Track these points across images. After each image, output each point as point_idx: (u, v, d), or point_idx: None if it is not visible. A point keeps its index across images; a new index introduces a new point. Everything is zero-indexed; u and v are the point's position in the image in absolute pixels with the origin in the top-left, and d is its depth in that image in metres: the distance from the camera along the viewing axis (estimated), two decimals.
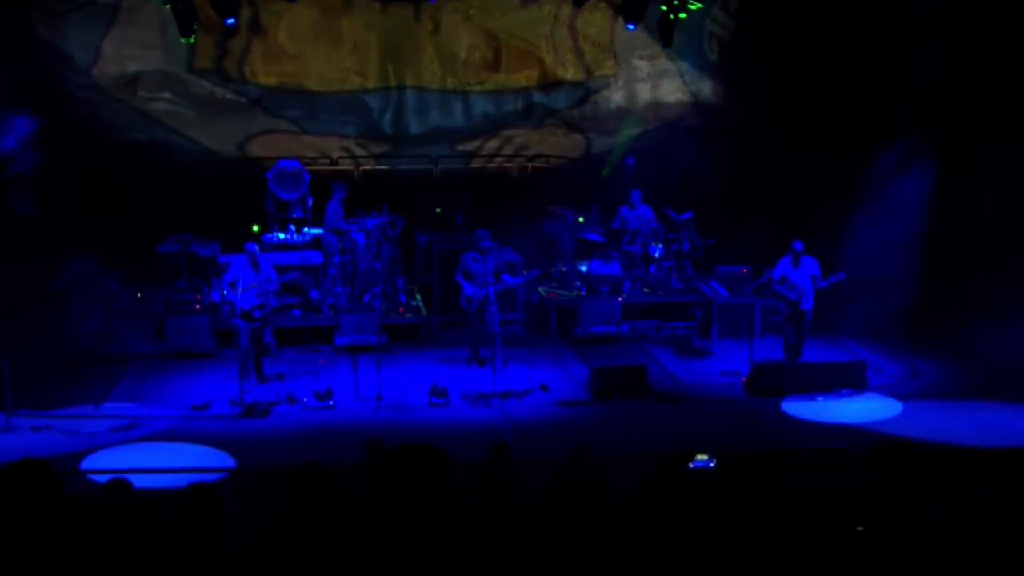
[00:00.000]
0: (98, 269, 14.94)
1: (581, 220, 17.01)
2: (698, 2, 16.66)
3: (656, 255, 16.44)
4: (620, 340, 15.76)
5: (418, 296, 16.44)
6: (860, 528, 5.72)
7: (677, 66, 18.63)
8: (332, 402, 13.01)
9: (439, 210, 17.18)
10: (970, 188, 15.76)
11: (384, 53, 18.24)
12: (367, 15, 18.03)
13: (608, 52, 18.68)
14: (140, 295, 15.50)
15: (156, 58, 17.59)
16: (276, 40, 17.97)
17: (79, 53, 17.25)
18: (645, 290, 16.55)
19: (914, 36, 15.49)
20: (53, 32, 17.04)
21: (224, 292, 13.89)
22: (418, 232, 16.89)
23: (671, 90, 18.84)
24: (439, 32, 18.34)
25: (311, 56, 18.09)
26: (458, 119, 18.67)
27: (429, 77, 18.42)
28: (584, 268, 16.73)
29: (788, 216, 15.68)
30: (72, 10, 17.15)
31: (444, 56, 18.39)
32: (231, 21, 16.34)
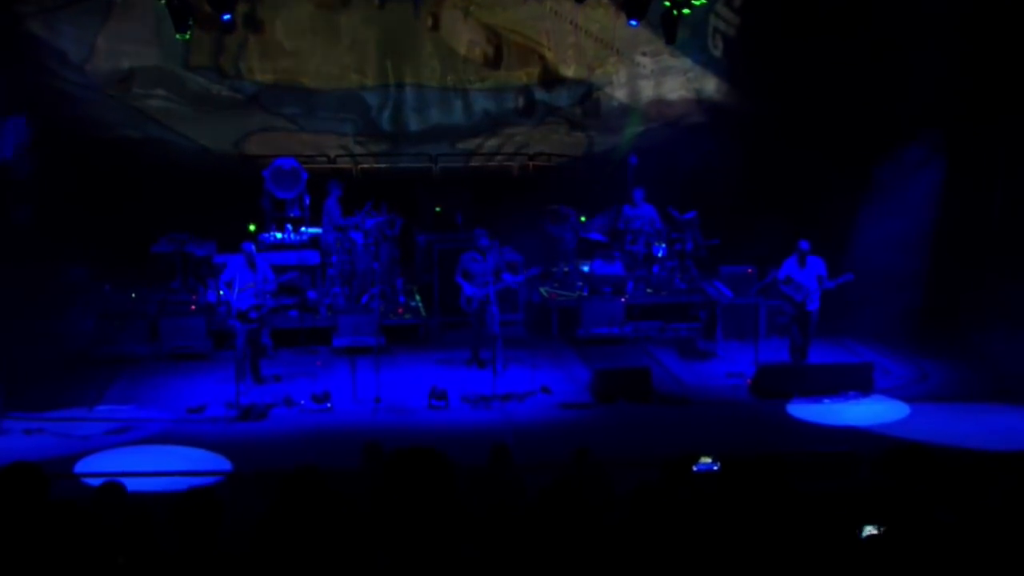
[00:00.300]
0: (91, 269, 14.93)
1: (583, 219, 16.98)
2: None
3: (659, 255, 16.39)
4: (623, 341, 15.74)
5: (417, 297, 16.42)
6: (867, 527, 5.62)
7: (681, 63, 18.55)
8: (330, 404, 12.97)
9: (439, 209, 17.14)
10: (980, 188, 15.69)
11: (383, 49, 18.17)
12: (365, 10, 17.91)
13: (610, 48, 18.61)
14: (134, 295, 15.46)
15: (151, 54, 17.47)
16: (273, 36, 17.87)
17: (72, 49, 17.12)
18: (648, 290, 16.50)
19: (923, 33, 15.46)
20: (45, 27, 16.90)
21: (221, 292, 13.89)
22: (417, 231, 16.88)
23: (674, 87, 18.75)
24: (439, 28, 18.26)
25: (308, 52, 18.01)
26: (458, 117, 18.61)
27: (428, 74, 18.36)
28: (586, 268, 16.72)
29: (794, 215, 15.66)
30: (65, 5, 17.05)
31: (444, 52, 18.33)
32: (227, 17, 16.26)
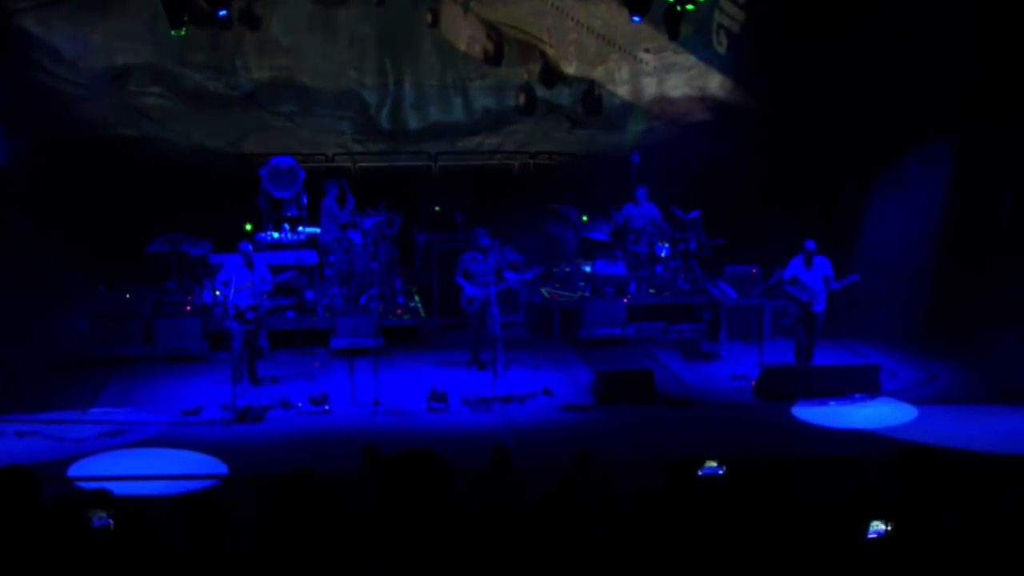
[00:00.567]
0: (85, 269, 14.90)
1: (585, 218, 16.96)
2: None
3: (662, 255, 16.31)
4: (625, 343, 15.70)
5: (416, 297, 16.35)
6: (874, 524, 5.66)
7: (684, 59, 18.57)
8: (328, 407, 12.92)
9: (438, 208, 17.10)
10: (989, 188, 15.70)
11: (381, 46, 18.23)
12: (364, 7, 17.91)
13: (613, 45, 18.63)
14: (129, 296, 15.42)
15: (146, 51, 17.47)
16: (270, 32, 17.93)
17: (66, 46, 17.09)
18: (651, 291, 16.41)
19: (931, 30, 15.47)
20: (38, 24, 16.92)
21: (217, 292, 13.87)
22: (416, 231, 16.86)
23: (678, 84, 18.79)
24: (438, 24, 18.33)
25: (306, 49, 18.04)
26: (458, 114, 18.67)
27: (428, 71, 18.45)
28: (588, 268, 16.67)
29: (799, 214, 15.65)
30: (58, 0, 17.02)
31: (443, 49, 18.39)
32: (223, 13, 16.26)
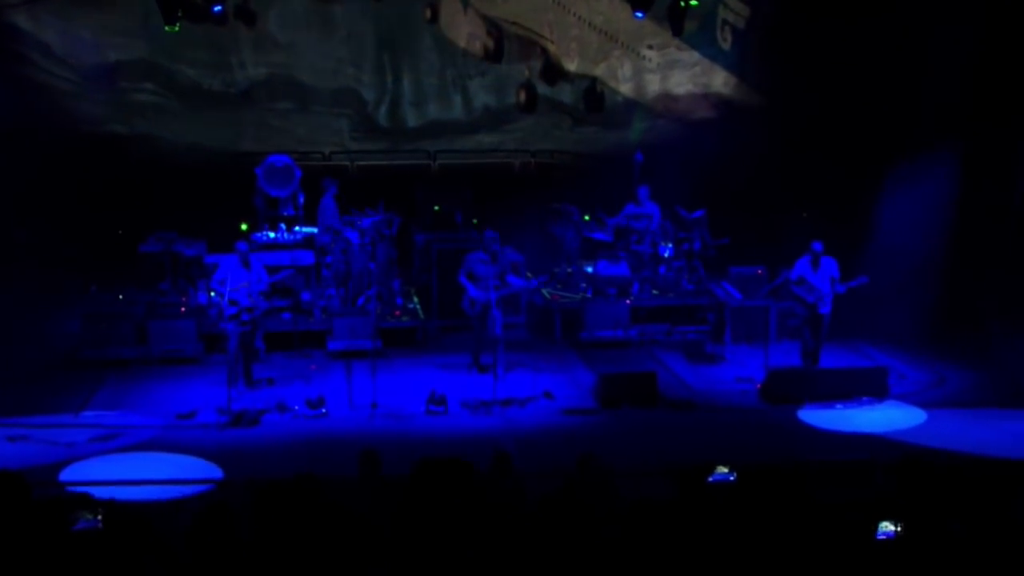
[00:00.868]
0: (77, 269, 14.85)
1: (587, 218, 16.93)
2: None
3: (666, 255, 16.28)
4: (628, 345, 15.60)
5: (415, 298, 16.30)
6: (883, 526, 5.71)
7: (688, 56, 18.52)
8: (325, 410, 12.85)
9: (437, 207, 17.02)
10: (998, 189, 15.66)
11: (380, 43, 18.18)
12: (362, 3, 17.93)
13: (615, 41, 18.59)
14: (121, 297, 15.40)
15: (138, 47, 17.38)
16: (266, 29, 17.81)
17: (56, 41, 17.04)
18: (654, 292, 16.38)
19: (939, 29, 15.43)
20: (29, 19, 16.89)
21: (213, 293, 13.83)
22: (415, 231, 16.79)
23: (681, 81, 18.74)
24: (437, 20, 18.30)
25: (303, 46, 17.99)
26: (457, 112, 18.65)
27: (427, 68, 18.40)
28: (590, 269, 16.63)
29: (806, 214, 15.74)
30: None
31: (443, 46, 18.34)
32: (218, 8, 16.13)
